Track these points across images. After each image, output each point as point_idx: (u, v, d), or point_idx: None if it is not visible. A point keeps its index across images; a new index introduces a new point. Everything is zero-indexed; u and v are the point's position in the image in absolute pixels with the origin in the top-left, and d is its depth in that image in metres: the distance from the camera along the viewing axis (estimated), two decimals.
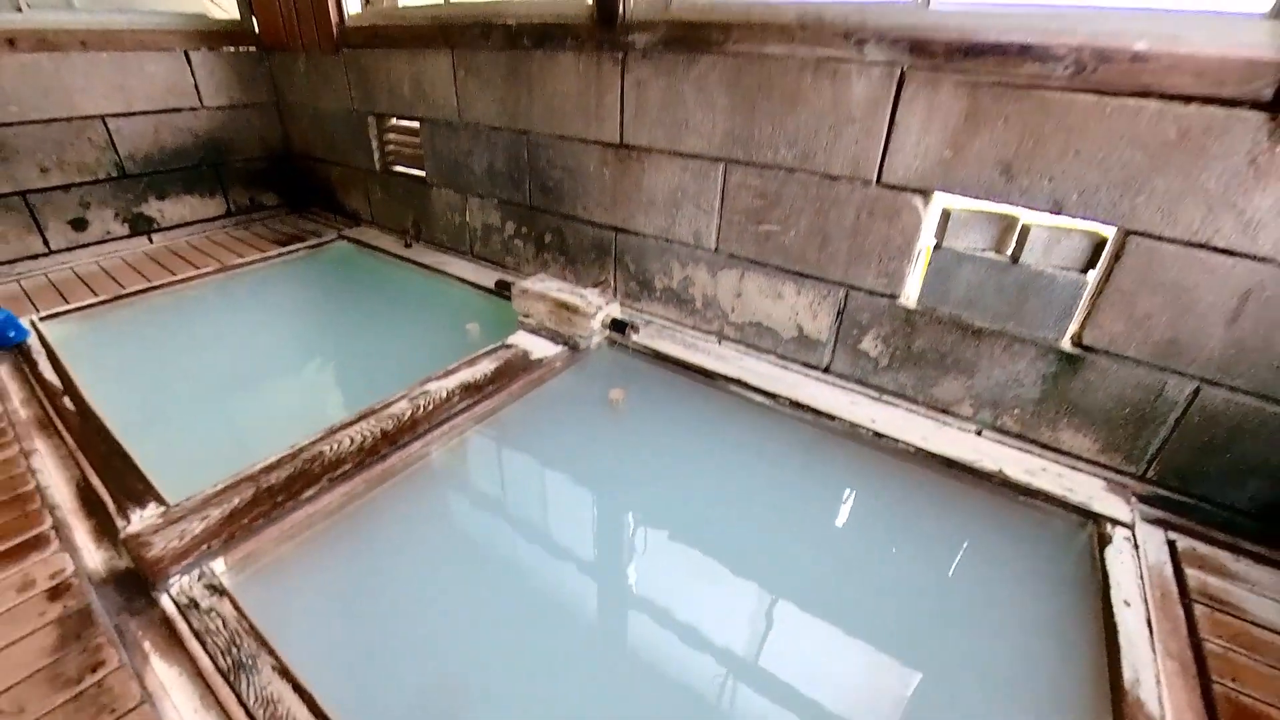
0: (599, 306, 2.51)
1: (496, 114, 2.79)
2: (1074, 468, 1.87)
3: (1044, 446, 1.92)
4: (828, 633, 1.52)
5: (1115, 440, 1.80)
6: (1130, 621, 1.41)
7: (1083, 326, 1.73)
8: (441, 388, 2.24)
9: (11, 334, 2.51)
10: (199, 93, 3.62)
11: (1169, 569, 1.59)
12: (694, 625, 1.53)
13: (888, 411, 2.12)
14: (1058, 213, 1.67)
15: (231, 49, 3.69)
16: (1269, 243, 1.43)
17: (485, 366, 2.38)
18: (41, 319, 2.77)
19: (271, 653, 1.38)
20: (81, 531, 1.72)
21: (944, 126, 1.74)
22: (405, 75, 3.10)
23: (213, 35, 3.60)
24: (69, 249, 3.37)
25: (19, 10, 2.98)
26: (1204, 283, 1.53)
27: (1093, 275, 1.69)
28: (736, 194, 2.21)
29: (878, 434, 2.02)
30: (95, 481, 1.87)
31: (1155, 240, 1.55)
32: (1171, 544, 1.66)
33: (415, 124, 3.28)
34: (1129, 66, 1.43)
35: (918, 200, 1.86)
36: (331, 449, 1.95)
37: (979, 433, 2.00)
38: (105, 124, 3.33)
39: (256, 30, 3.74)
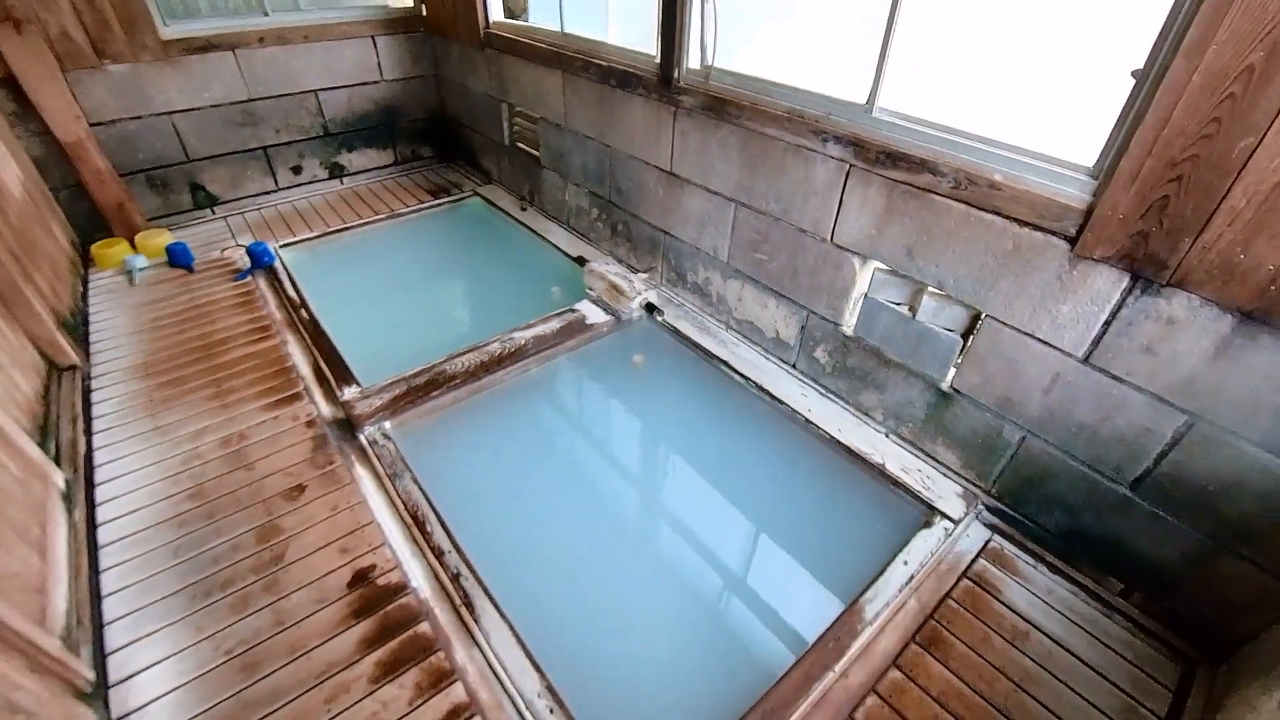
0: (639, 291, 3.35)
1: (590, 127, 3.59)
2: (945, 475, 2.52)
3: (927, 455, 2.57)
4: (728, 521, 2.41)
5: (972, 460, 2.42)
6: (897, 571, 2.15)
7: (955, 374, 2.34)
8: (522, 336, 3.24)
9: (266, 259, 3.82)
10: (380, 68, 4.71)
11: (969, 556, 2.27)
12: (655, 502, 2.47)
13: (824, 405, 2.83)
14: (940, 290, 2.26)
15: (405, 33, 4.70)
16: (1070, 341, 1.98)
17: (554, 324, 3.34)
18: (281, 246, 4.09)
19: (410, 471, 2.50)
20: (318, 395, 2.93)
21: (872, 212, 2.34)
22: (529, 81, 3.95)
23: (392, 22, 4.62)
24: (289, 188, 4.70)
25: (265, 14, 4.15)
26: (1029, 361, 2.10)
27: (961, 338, 2.27)
28: (741, 227, 2.91)
29: (808, 420, 2.76)
30: (323, 366, 3.08)
31: (1000, 324, 2.12)
32: (987, 541, 2.32)
33: (534, 118, 4.14)
34: (987, 190, 1.98)
35: (855, 260, 2.48)
36: (451, 367, 3.02)
37: (887, 435, 2.68)
38: (317, 96, 4.52)
39: (424, 15, 4.71)
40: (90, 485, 2.41)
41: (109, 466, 2.52)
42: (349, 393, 2.89)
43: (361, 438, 2.68)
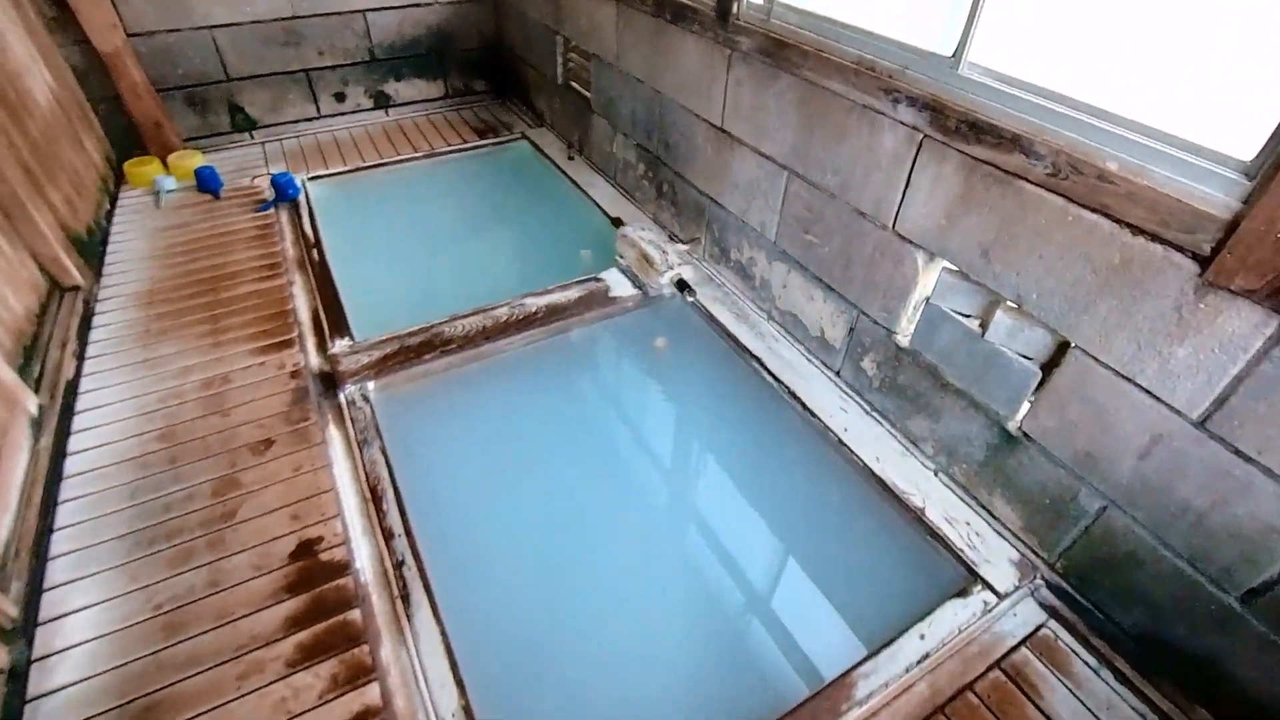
0: (672, 265, 3.12)
1: (641, 68, 3.34)
2: (998, 534, 2.19)
3: (981, 505, 2.24)
4: (728, 547, 2.22)
5: (1035, 523, 2.08)
6: (910, 644, 1.88)
7: (1026, 412, 1.98)
8: (535, 303, 3.11)
9: (290, 191, 3.87)
10: None
11: (1010, 641, 1.95)
12: (650, 513, 2.32)
13: (865, 426, 2.53)
14: (1018, 306, 1.90)
15: None
16: (1183, 396, 1.60)
17: (572, 294, 3.19)
18: (309, 179, 4.15)
19: (380, 440, 2.45)
20: (310, 344, 2.94)
21: (945, 197, 1.99)
22: (583, 12, 3.72)
23: None
24: (331, 115, 4.75)
25: None
26: (1125, 413, 1.73)
27: (1041, 370, 1.91)
28: (793, 201, 2.60)
29: (841, 441, 2.48)
30: (321, 313, 3.09)
31: (1091, 359, 1.75)
32: (1038, 627, 1.99)
33: (588, 55, 3.92)
34: (1094, 182, 1.61)
35: (919, 255, 2.14)
36: (450, 329, 2.95)
37: (935, 473, 2.36)
38: (365, 17, 4.49)
39: None
40: (69, 413, 2.53)
41: (91, 395, 2.63)
42: (339, 345, 2.88)
43: (341, 396, 2.66)
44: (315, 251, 3.47)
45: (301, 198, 3.91)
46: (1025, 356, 1.94)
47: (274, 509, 2.25)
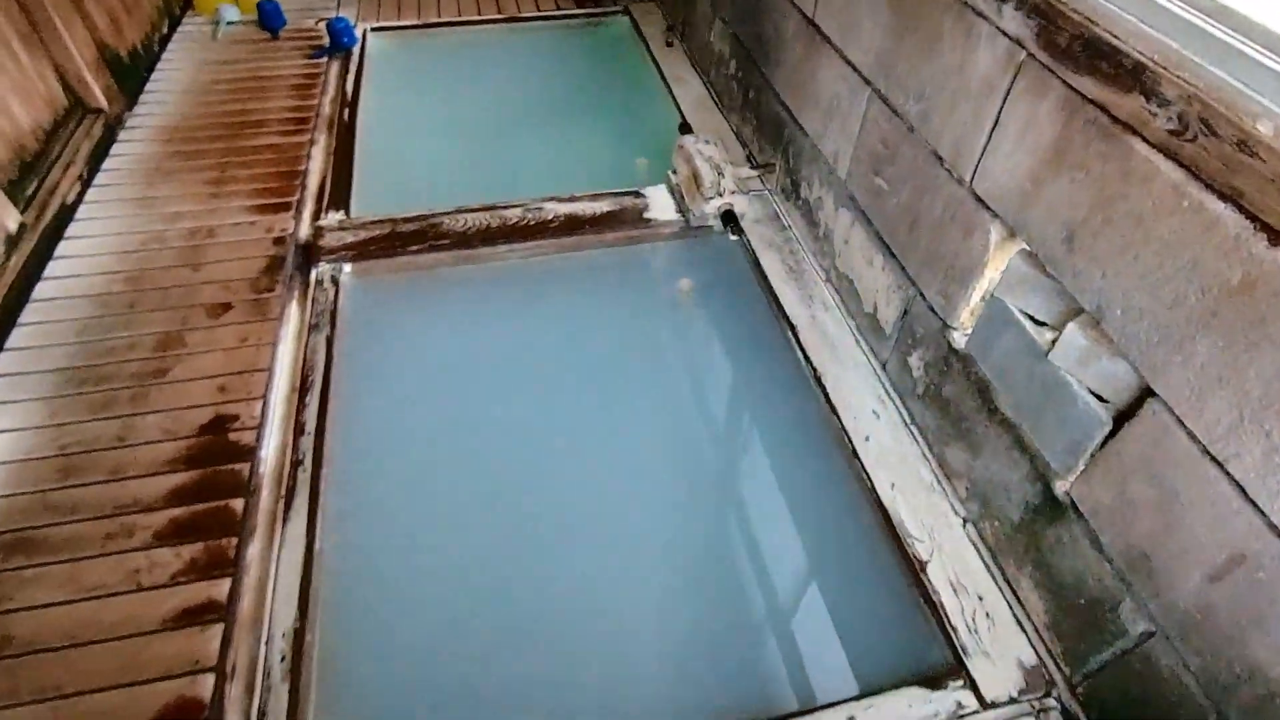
0: (722, 191, 2.84)
1: None
2: (1014, 622, 1.84)
3: (1002, 577, 1.88)
4: (694, 544, 2.08)
5: (1063, 626, 1.71)
6: None
7: (1080, 474, 1.60)
8: (554, 209, 2.98)
9: (345, 40, 3.94)
10: None
11: None
12: (616, 482, 2.22)
13: (893, 439, 2.19)
14: (1097, 322, 1.49)
15: None
16: None
17: (601, 206, 3.01)
18: (372, 29, 4.20)
19: (332, 329, 2.50)
20: (306, 211, 3.02)
21: (1034, 149, 1.57)
22: None
23: None
24: None
25: None
26: (1201, 509, 1.32)
27: (1113, 420, 1.51)
28: (870, 129, 2.22)
29: (855, 452, 2.17)
30: (328, 180, 3.17)
31: (1174, 420, 1.34)
32: None
33: None
34: (1232, 152, 1.17)
35: (993, 226, 1.74)
36: (450, 222, 2.91)
37: (964, 523, 2.01)
38: None
39: None
40: (56, 237, 2.78)
41: (84, 224, 2.88)
42: (330, 218, 2.93)
43: (313, 273, 2.71)
44: (347, 111, 3.52)
45: (357, 49, 3.96)
46: (1097, 396, 1.54)
47: (204, 376, 2.37)
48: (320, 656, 1.81)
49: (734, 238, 2.79)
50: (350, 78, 3.76)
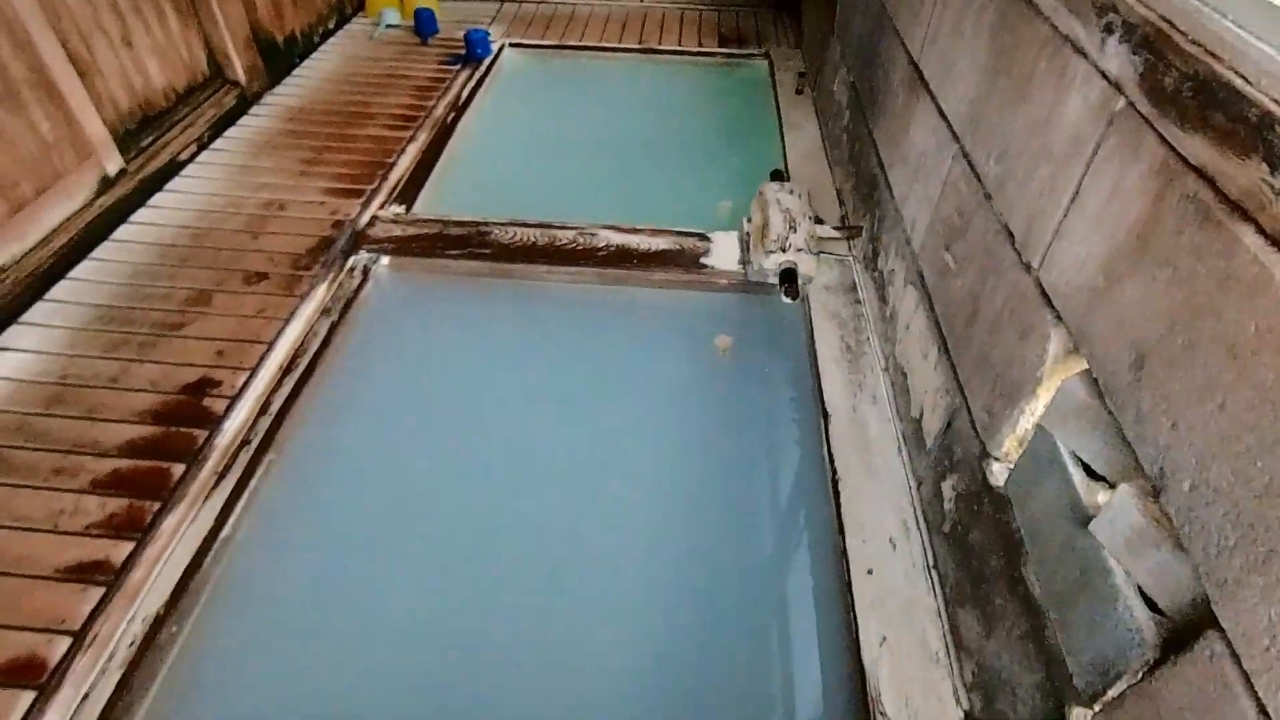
0: (786, 246, 2.46)
1: None
2: None
3: None
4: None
5: None
6: None
7: (1107, 705, 1.08)
8: (606, 239, 2.75)
9: (479, 50, 3.99)
10: None
11: None
12: (589, 547, 1.94)
13: (903, 580, 1.70)
14: (1155, 493, 0.99)
15: None
16: None
17: (658, 243, 2.74)
18: (510, 44, 4.24)
19: (343, 319, 2.43)
20: (376, 201, 3.02)
21: (1113, 232, 1.10)
22: None
23: None
24: None
25: None
26: None
27: (1161, 645, 0.99)
28: (949, 194, 1.78)
29: (849, 584, 1.71)
30: (407, 176, 3.15)
31: (1237, 672, 0.83)
32: None
33: None
34: None
35: (1054, 334, 1.26)
36: (497, 234, 2.76)
37: (965, 718, 1.49)
38: None
39: None
40: (153, 188, 2.93)
41: (185, 180, 3.03)
42: (388, 210, 2.88)
43: (351, 260, 2.65)
44: (453, 115, 3.52)
45: (491, 61, 4.00)
46: (1147, 600, 1.03)
47: (211, 338, 2.34)
48: (181, 651, 1.63)
49: (788, 300, 2.39)
50: (471, 85, 3.78)
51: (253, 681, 1.61)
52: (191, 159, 3.13)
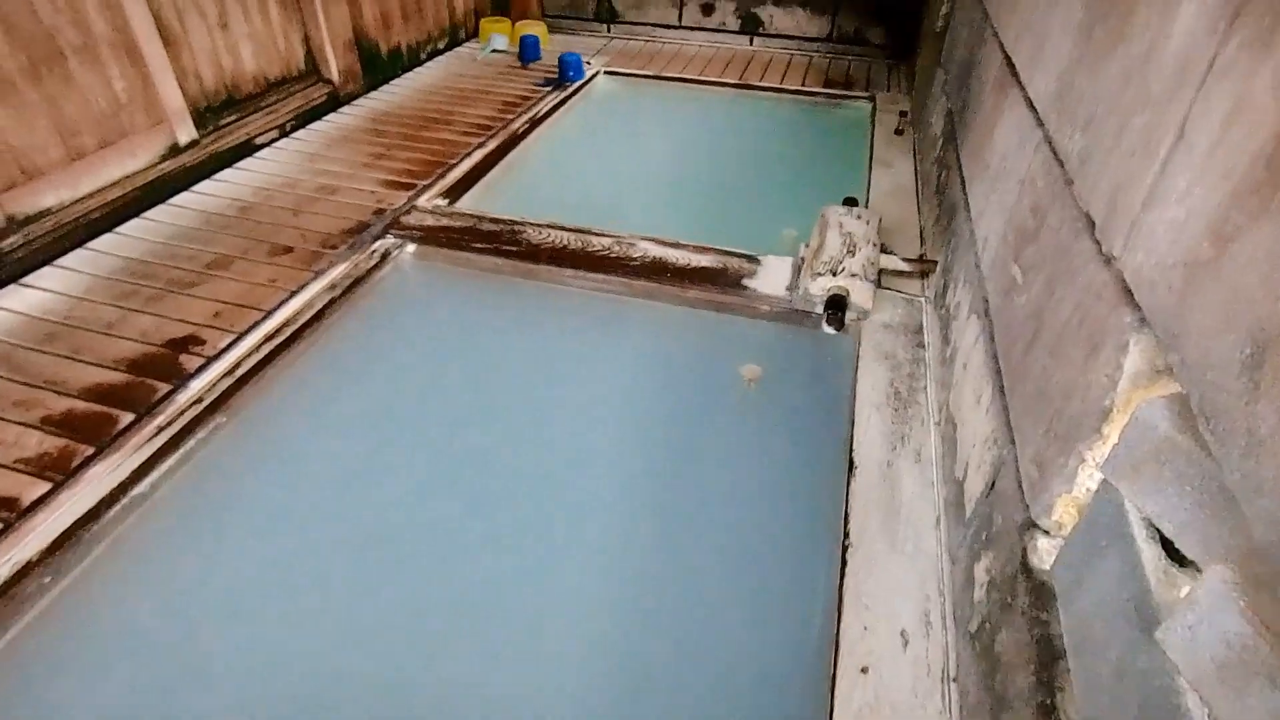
0: (836, 270, 2.09)
1: None
2: None
3: None
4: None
5: None
6: None
7: None
8: (644, 250, 2.48)
9: (571, 74, 3.93)
10: None
11: None
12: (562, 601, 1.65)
13: (906, 688, 1.24)
14: (1274, 582, 0.55)
15: None
16: None
17: (700, 260, 2.44)
18: (605, 71, 4.17)
19: (344, 297, 2.27)
20: (427, 194, 2.90)
21: (1230, 169, 0.69)
22: None
23: None
24: (690, 28, 4.67)
25: None
26: None
27: None
28: (1026, 192, 1.38)
29: (833, 685, 1.27)
30: (462, 174, 3.05)
31: None
32: None
33: None
34: None
35: (1133, 339, 0.84)
36: (530, 234, 2.56)
37: None
38: None
39: None
40: (223, 163, 2.97)
41: (255, 160, 3.06)
42: (429, 201, 2.77)
43: (376, 242, 2.53)
44: (529, 127, 3.43)
45: (581, 84, 3.92)
46: None
47: (213, 299, 2.26)
48: (48, 607, 1.43)
49: (831, 330, 2.00)
50: (555, 103, 3.69)
51: (114, 655, 1.37)
52: (269, 144, 3.17)
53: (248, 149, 3.06)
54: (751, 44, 4.63)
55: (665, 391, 2.05)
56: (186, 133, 2.80)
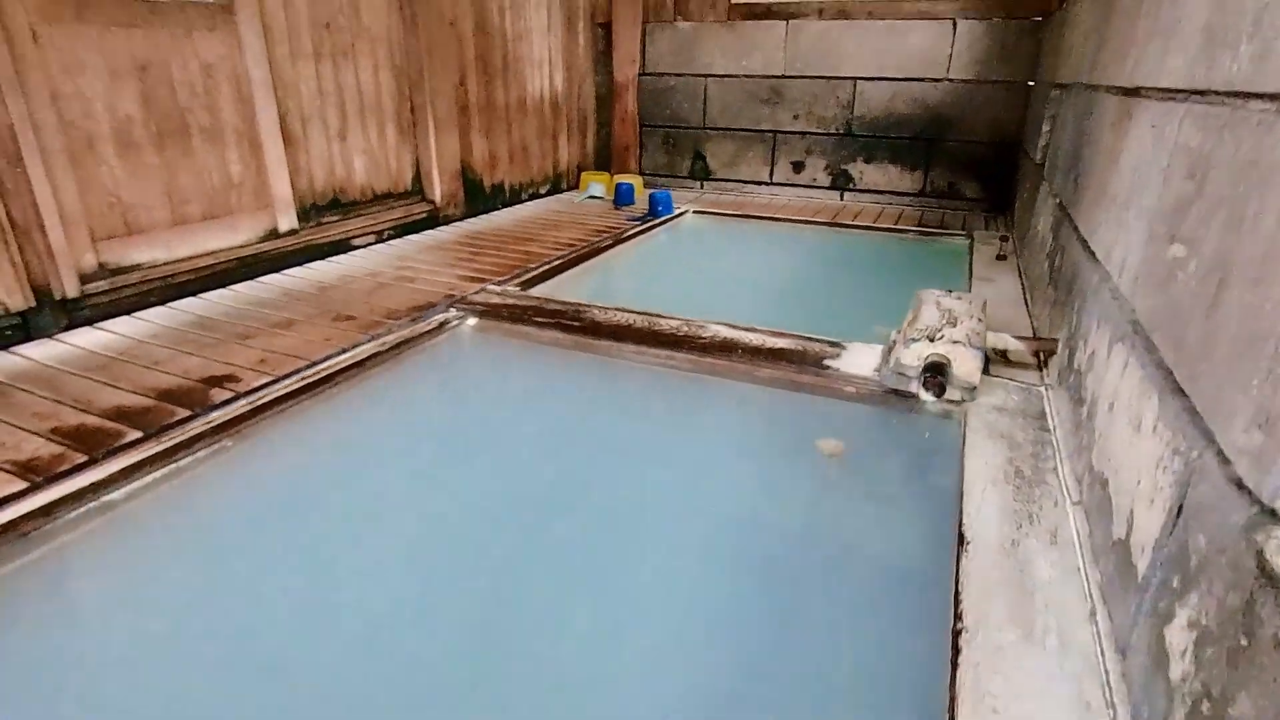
0: (935, 335, 1.80)
1: (1089, 46, 2.14)
2: None
3: None
4: None
5: None
6: None
7: None
8: (715, 333, 2.28)
9: (660, 209, 4.04)
10: (949, 62, 4.17)
11: None
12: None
13: None
14: None
15: (1010, 17, 3.98)
16: None
17: (779, 343, 2.21)
18: (694, 211, 4.26)
19: (389, 354, 2.16)
20: (504, 283, 2.89)
21: None
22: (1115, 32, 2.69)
23: (993, 2, 4.00)
24: (782, 184, 4.79)
25: None
26: None
27: None
28: (1176, 166, 1.11)
29: None
30: (541, 270, 3.04)
31: None
32: None
33: (1063, 88, 2.81)
34: None
35: None
36: (595, 314, 2.43)
37: None
38: (854, 85, 4.40)
39: None
40: (322, 255, 3.09)
41: (344, 256, 3.19)
42: (499, 286, 2.72)
43: (439, 314, 2.46)
44: (611, 243, 3.46)
45: (669, 217, 4.01)
46: None
47: (264, 349, 2.20)
48: None
49: (929, 396, 1.67)
50: (641, 228, 3.74)
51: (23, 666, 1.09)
52: (364, 246, 3.31)
53: (343, 247, 3.19)
54: (842, 199, 4.67)
55: (736, 467, 1.73)
56: (288, 222, 2.95)
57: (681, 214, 4.13)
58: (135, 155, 2.36)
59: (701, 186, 4.97)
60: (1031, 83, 3.98)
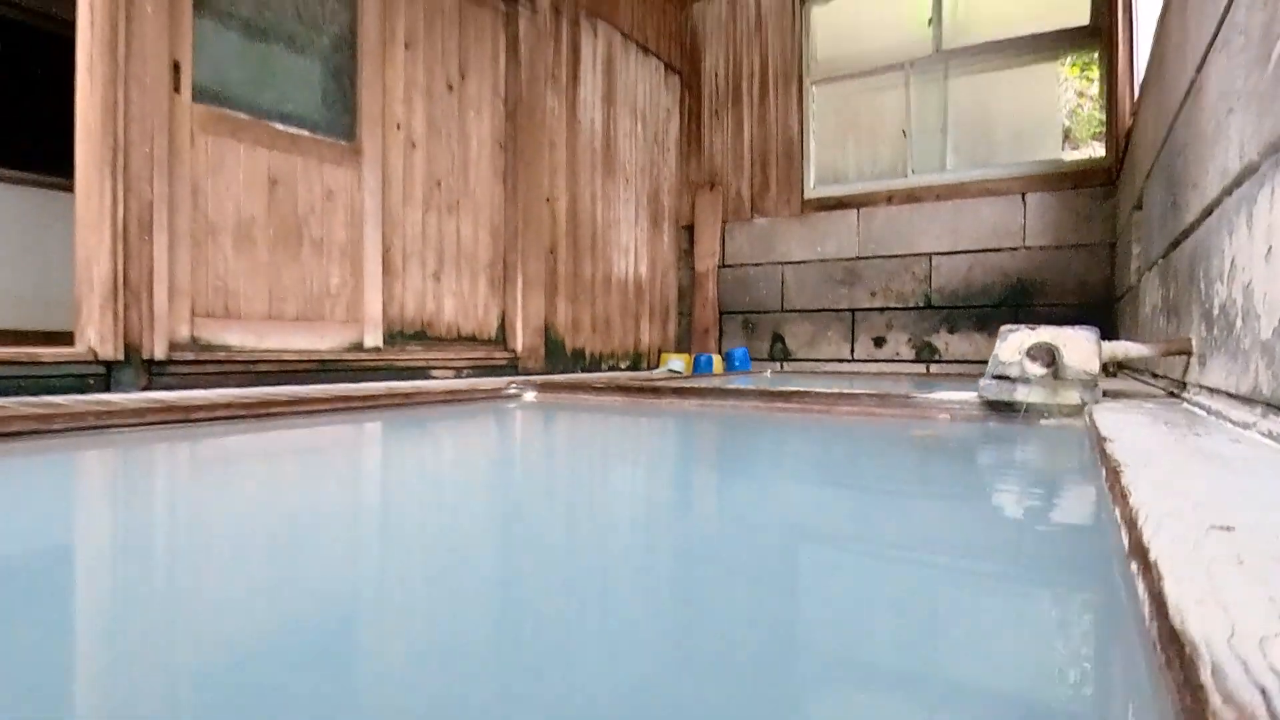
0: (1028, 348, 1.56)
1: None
2: None
3: None
4: None
5: None
6: None
7: None
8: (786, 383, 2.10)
9: (736, 364, 4.03)
10: (1025, 232, 4.22)
11: None
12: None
13: None
14: None
15: (1075, 188, 4.08)
16: None
17: (861, 388, 1.99)
18: (771, 373, 4.20)
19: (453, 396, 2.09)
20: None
21: None
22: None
23: (1059, 177, 4.13)
24: (864, 360, 4.71)
25: (905, 175, 4.60)
26: None
27: None
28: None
29: None
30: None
31: None
32: None
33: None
34: None
35: None
36: (659, 382, 2.32)
37: None
38: (930, 260, 4.49)
39: (1119, 163, 3.97)
40: (391, 374, 3.19)
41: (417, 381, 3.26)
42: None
43: (510, 388, 2.41)
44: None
45: (746, 372, 3.96)
46: None
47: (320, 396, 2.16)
48: None
49: (1037, 370, 1.39)
50: (713, 381, 3.69)
51: None
52: (442, 378, 3.39)
53: (421, 374, 3.27)
54: (928, 370, 4.50)
55: (802, 492, 1.45)
56: (374, 339, 3.09)
57: (760, 373, 4.06)
58: (249, 250, 2.61)
59: (781, 367, 4.94)
60: (1114, 243, 3.93)
